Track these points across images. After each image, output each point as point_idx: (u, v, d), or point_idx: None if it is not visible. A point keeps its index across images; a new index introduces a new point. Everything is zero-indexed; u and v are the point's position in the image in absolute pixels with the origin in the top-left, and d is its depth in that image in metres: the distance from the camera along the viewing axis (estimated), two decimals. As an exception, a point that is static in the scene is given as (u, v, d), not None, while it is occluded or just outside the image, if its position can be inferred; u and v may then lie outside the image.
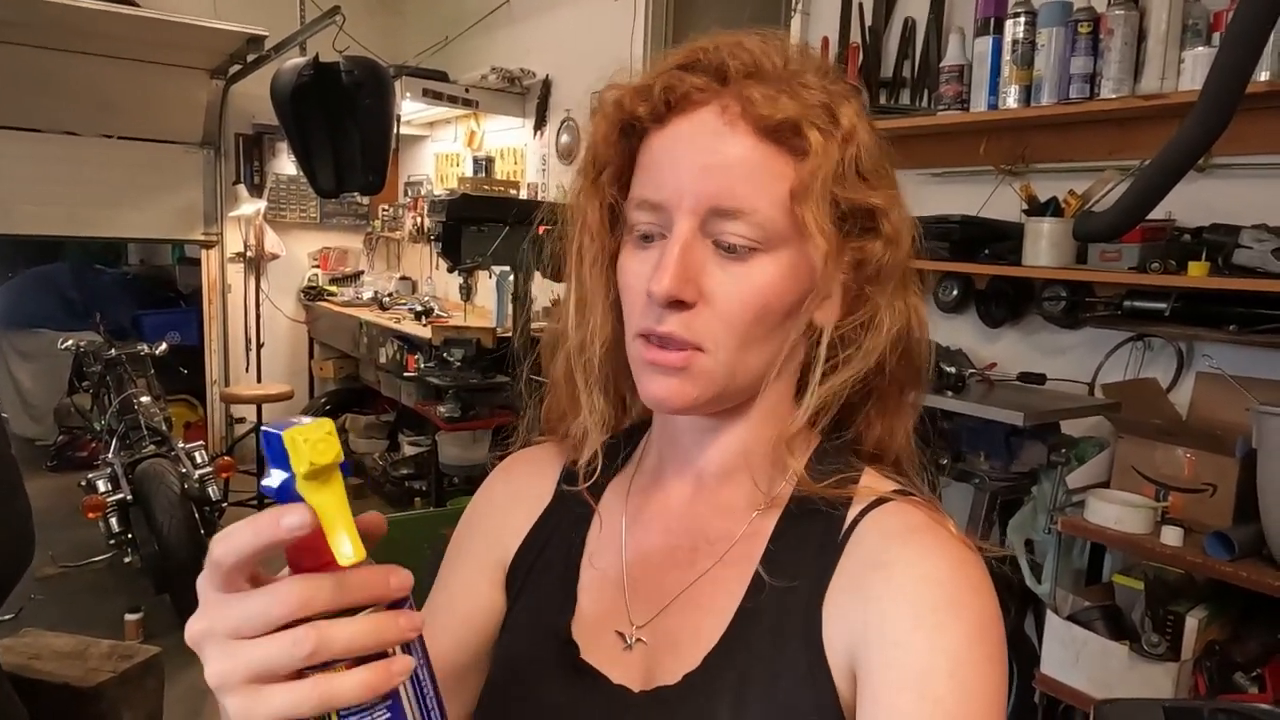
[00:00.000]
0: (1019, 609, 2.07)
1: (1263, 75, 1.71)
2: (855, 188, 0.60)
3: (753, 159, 0.58)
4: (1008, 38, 2.14)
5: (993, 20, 2.19)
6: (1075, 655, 1.81)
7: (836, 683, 0.57)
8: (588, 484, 0.70)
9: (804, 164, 0.58)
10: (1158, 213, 1.72)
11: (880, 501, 0.62)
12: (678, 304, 0.59)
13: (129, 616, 3.03)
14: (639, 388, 0.64)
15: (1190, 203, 1.97)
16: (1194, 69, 1.85)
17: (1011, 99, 2.15)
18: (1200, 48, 1.86)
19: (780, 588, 0.61)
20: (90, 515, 3.28)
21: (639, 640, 0.64)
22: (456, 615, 0.71)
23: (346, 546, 0.39)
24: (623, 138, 0.64)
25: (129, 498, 3.30)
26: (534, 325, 3.44)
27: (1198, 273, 1.83)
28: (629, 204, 0.63)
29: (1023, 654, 2.00)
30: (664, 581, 0.66)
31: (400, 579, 0.42)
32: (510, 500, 0.76)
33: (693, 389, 0.61)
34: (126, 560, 3.39)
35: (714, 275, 0.59)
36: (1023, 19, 2.10)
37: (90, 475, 3.45)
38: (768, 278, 0.59)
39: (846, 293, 0.63)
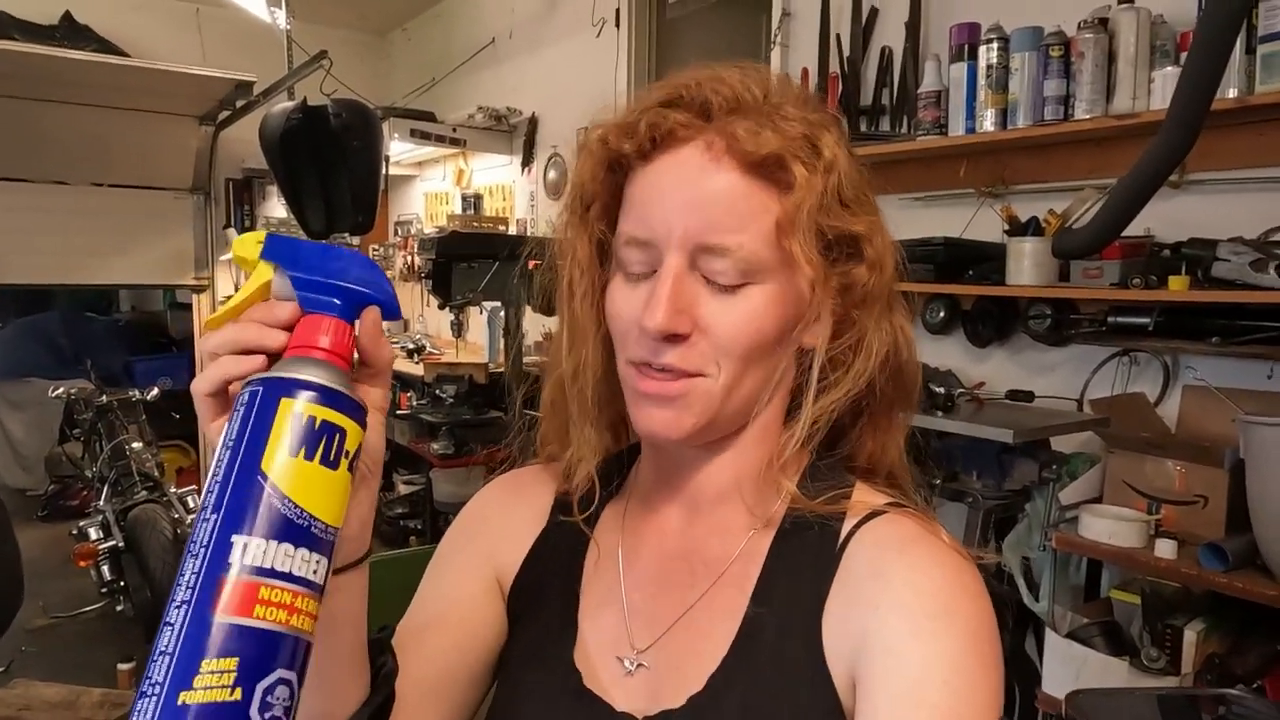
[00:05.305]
0: (1017, 627, 2.06)
1: (1231, 92, 1.75)
2: (839, 216, 0.62)
3: (737, 194, 0.59)
4: (982, 63, 2.19)
5: (967, 47, 2.24)
6: (1076, 673, 1.80)
7: (840, 694, 0.58)
8: (584, 516, 0.70)
9: (789, 197, 0.60)
10: (1136, 229, 1.75)
11: (874, 514, 0.63)
12: (673, 337, 0.60)
13: (122, 666, 2.97)
14: (633, 418, 0.64)
15: (1167, 218, 2.00)
16: (1164, 88, 1.89)
17: (988, 122, 2.19)
18: (1169, 67, 1.90)
19: (779, 604, 0.62)
20: (81, 563, 3.25)
21: (640, 665, 0.64)
22: (451, 619, 0.70)
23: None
24: (609, 174, 0.65)
25: (121, 545, 3.27)
26: (526, 360, 3.45)
27: (1178, 287, 1.85)
28: (617, 240, 0.64)
29: (1024, 673, 1.99)
30: (663, 605, 0.66)
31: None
32: (504, 517, 0.76)
33: (689, 418, 0.61)
34: (119, 609, 3.35)
35: (707, 305, 0.60)
36: (996, 44, 2.15)
37: (81, 523, 3.42)
38: (759, 306, 0.60)
39: (835, 317, 0.64)
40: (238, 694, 0.40)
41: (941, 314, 2.50)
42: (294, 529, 0.43)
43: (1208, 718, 1.31)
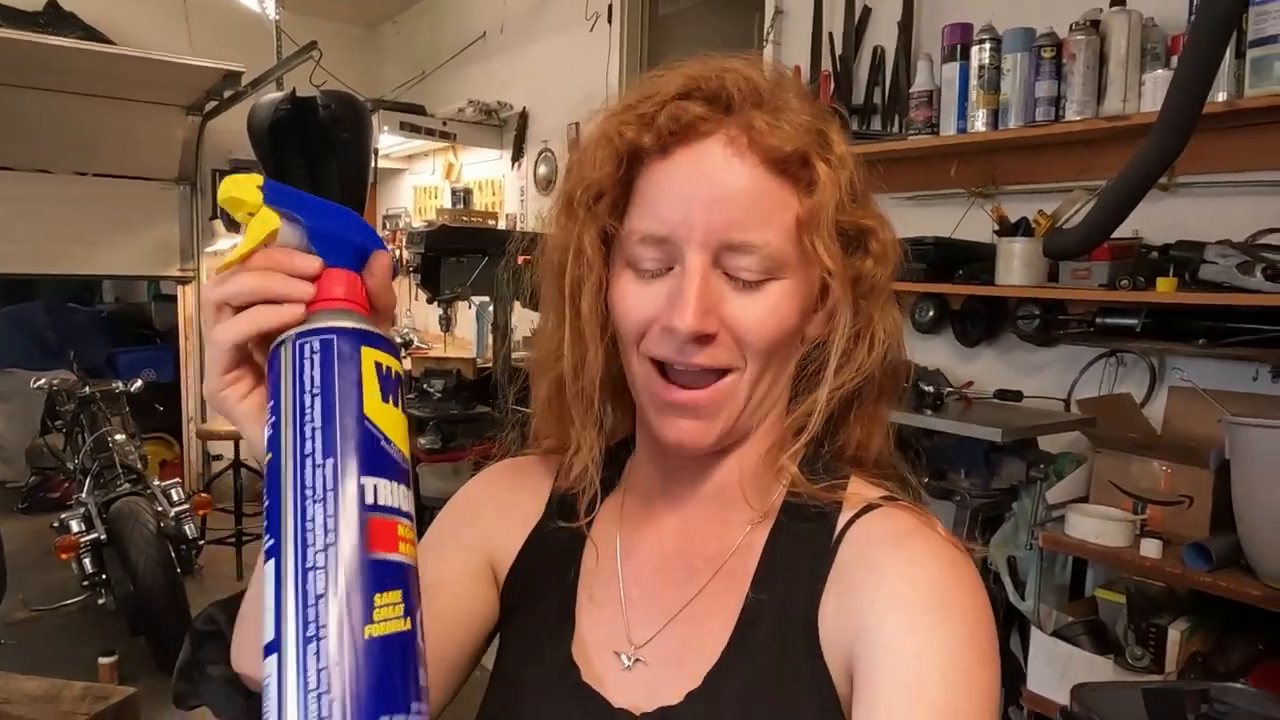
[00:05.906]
0: (1002, 625, 2.07)
1: (1220, 96, 1.76)
2: (852, 211, 0.62)
3: (760, 190, 0.59)
4: (974, 63, 2.19)
5: (959, 47, 2.24)
6: (1061, 671, 1.81)
7: (837, 686, 0.58)
8: (588, 519, 0.70)
9: (812, 195, 0.59)
10: (1125, 231, 1.76)
11: (869, 508, 0.63)
12: (702, 337, 0.59)
13: (103, 660, 2.95)
14: (655, 426, 0.63)
15: (1156, 220, 2.01)
16: (1154, 90, 1.90)
17: (980, 123, 2.19)
18: (1159, 70, 1.91)
19: (775, 598, 0.62)
20: (63, 556, 3.21)
21: (638, 661, 0.64)
22: (439, 602, 0.69)
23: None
24: (621, 166, 0.63)
25: (103, 537, 3.23)
26: (515, 355, 3.44)
27: (1166, 288, 1.87)
28: (628, 235, 0.62)
29: (1009, 671, 2.00)
30: (662, 601, 0.66)
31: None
32: (498, 506, 0.75)
33: (717, 425, 0.61)
34: (100, 602, 3.32)
35: (731, 302, 0.60)
36: (988, 45, 2.16)
37: (63, 515, 3.38)
38: (781, 301, 0.61)
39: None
40: (408, 623, 0.43)
41: (931, 313, 2.51)
42: (400, 470, 0.46)
43: (1193, 712, 1.32)
